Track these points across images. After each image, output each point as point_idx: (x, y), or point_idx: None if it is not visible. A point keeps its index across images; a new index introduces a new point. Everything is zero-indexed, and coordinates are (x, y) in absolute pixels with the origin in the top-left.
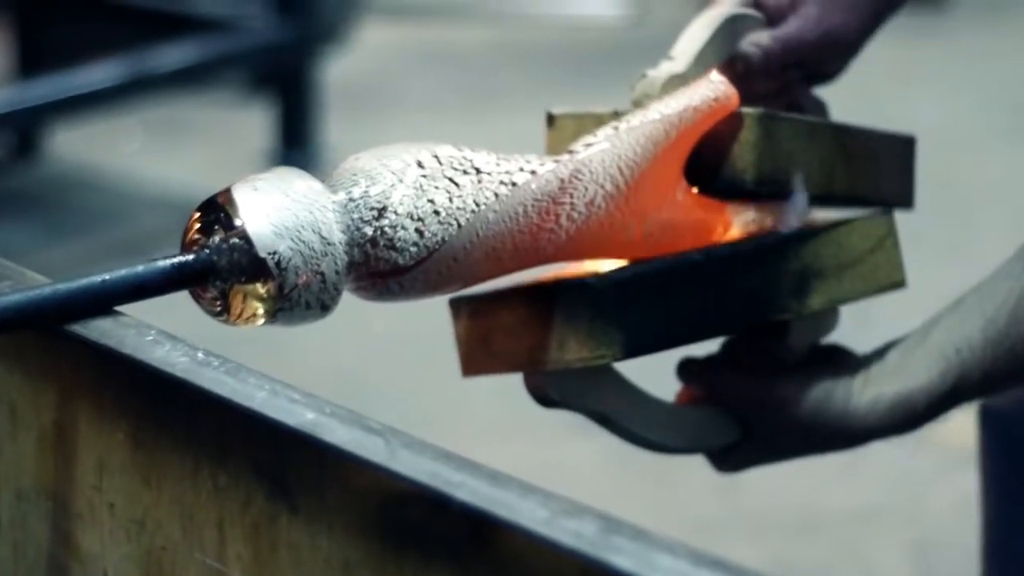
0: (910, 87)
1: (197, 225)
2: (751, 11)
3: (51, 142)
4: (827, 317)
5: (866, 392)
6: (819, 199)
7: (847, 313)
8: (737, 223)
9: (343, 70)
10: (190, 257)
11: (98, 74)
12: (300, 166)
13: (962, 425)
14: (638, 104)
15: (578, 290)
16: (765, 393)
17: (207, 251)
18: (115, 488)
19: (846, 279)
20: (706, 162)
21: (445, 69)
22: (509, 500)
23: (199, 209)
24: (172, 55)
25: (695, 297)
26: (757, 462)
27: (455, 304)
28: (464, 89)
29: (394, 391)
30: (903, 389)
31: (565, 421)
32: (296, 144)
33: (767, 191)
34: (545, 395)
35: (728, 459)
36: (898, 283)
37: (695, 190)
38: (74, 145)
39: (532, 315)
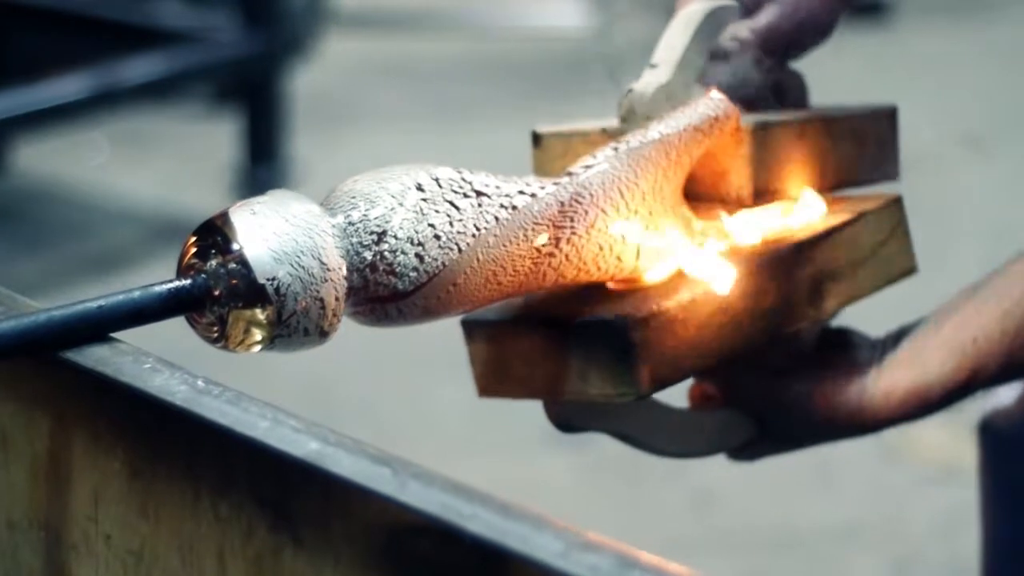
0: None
1: (193, 249)
2: (726, 1)
3: (17, 155)
4: None
5: (880, 383)
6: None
7: None
8: (736, 235)
9: (309, 83)
10: (187, 282)
11: (64, 87)
12: (268, 180)
13: (937, 440)
14: (626, 120)
15: (599, 328)
16: (780, 392)
17: (204, 276)
18: (111, 518)
19: (860, 275)
20: (699, 178)
21: (411, 82)
22: (523, 532)
23: (195, 233)
24: (139, 68)
25: (718, 324)
26: (771, 453)
27: (469, 326)
28: (430, 102)
29: (364, 404)
30: (918, 380)
31: (536, 436)
32: (263, 157)
33: (763, 201)
34: (566, 422)
35: (743, 453)
36: (910, 270)
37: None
38: (40, 158)
39: (551, 345)
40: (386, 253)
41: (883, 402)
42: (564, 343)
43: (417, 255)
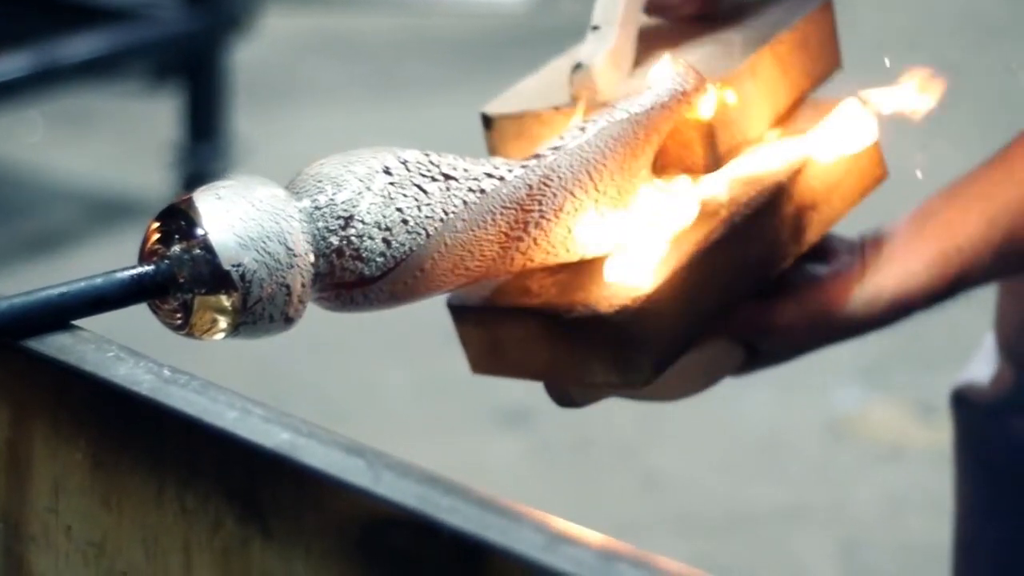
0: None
1: (156, 235)
2: None
3: None
4: None
5: (864, 291)
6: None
7: None
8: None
9: (247, 60)
10: (150, 268)
11: (4, 65)
12: (209, 158)
13: (885, 420)
14: (579, 98)
15: (598, 323)
16: (767, 317)
17: (167, 262)
18: (72, 510)
19: (835, 198)
20: (664, 150)
21: (352, 58)
22: (503, 525)
23: (158, 217)
24: (79, 46)
25: (710, 289)
26: (759, 369)
27: (456, 309)
28: (370, 78)
29: (310, 386)
30: (902, 288)
31: (484, 418)
32: (204, 135)
33: (730, 158)
34: (567, 398)
35: (735, 374)
36: (882, 178)
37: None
38: None
39: (546, 333)
40: (353, 238)
41: (867, 310)
42: (560, 332)
43: (384, 240)
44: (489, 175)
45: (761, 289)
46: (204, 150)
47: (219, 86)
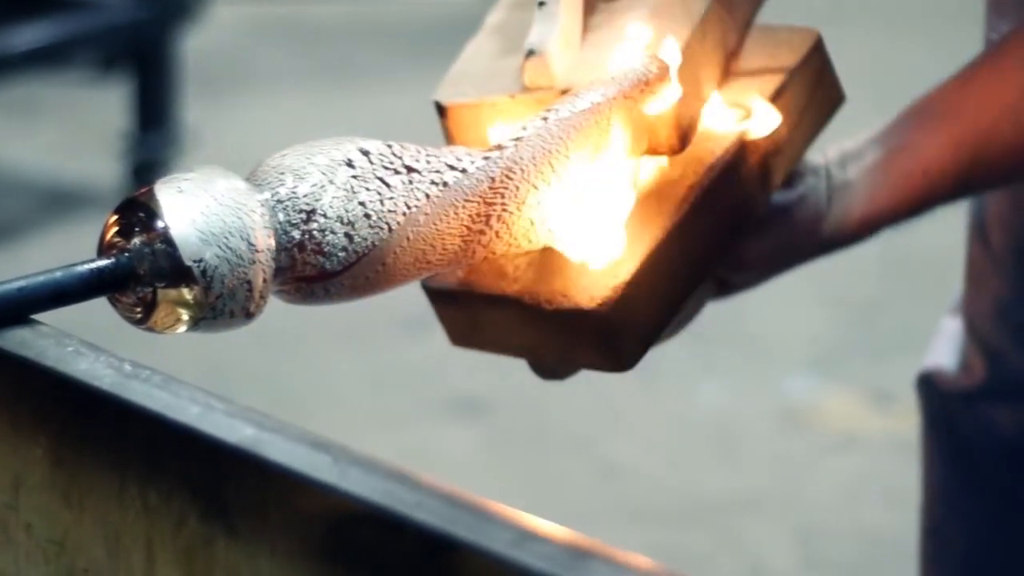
0: None
1: (115, 228)
2: None
3: None
4: None
5: (832, 212)
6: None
7: None
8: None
9: (196, 48)
10: (109, 262)
11: None
12: (158, 146)
13: (838, 409)
14: (534, 85)
15: (580, 317)
16: (737, 254)
17: (128, 255)
18: (32, 507)
19: (797, 135)
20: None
21: (299, 45)
22: (470, 521)
23: (117, 210)
24: (27, 34)
25: (687, 260)
26: (732, 295)
27: (433, 292)
28: (319, 66)
29: (261, 377)
30: (870, 210)
31: (437, 407)
32: (153, 124)
33: (692, 135)
34: (550, 371)
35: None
36: (840, 101)
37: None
38: None
39: (528, 321)
40: (315, 232)
41: (833, 233)
42: (541, 321)
43: (347, 235)
44: (451, 167)
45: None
46: (153, 139)
47: (168, 74)
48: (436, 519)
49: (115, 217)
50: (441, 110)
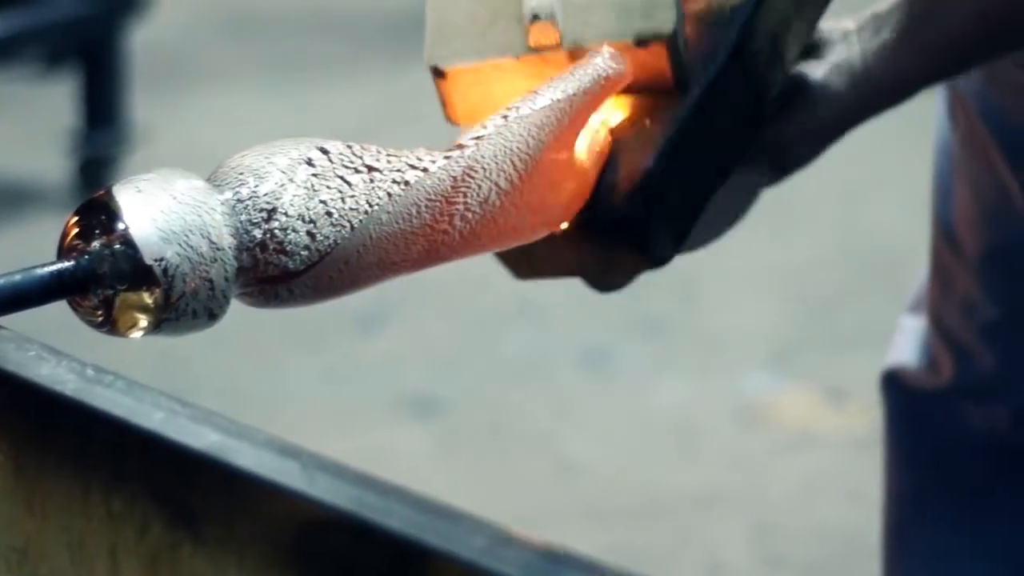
0: None
1: (75, 230)
2: None
3: None
4: None
5: (870, 77)
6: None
7: (673, 291)
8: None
9: (143, 42)
10: (69, 264)
11: None
12: (107, 143)
13: (795, 406)
14: (540, 47)
15: (609, 222)
16: (779, 136)
17: (88, 257)
18: None
19: (808, 7)
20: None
21: (250, 38)
22: (442, 528)
23: (77, 212)
24: None
25: (709, 144)
26: (789, 175)
27: None
28: (270, 60)
29: (214, 376)
30: (900, 80)
31: (396, 407)
32: (102, 121)
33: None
34: (609, 285)
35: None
36: None
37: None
38: None
39: (567, 241)
40: (276, 231)
41: (873, 97)
42: (578, 238)
43: (308, 233)
44: (413, 166)
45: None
46: (102, 135)
47: (115, 70)
48: (407, 526)
49: (74, 219)
50: (439, 73)
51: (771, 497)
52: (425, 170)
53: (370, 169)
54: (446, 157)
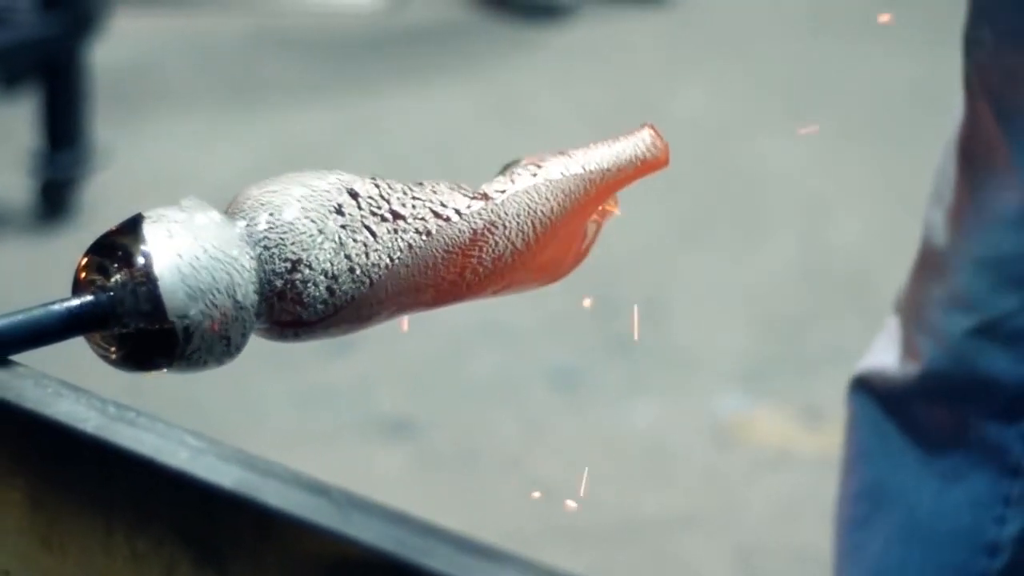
0: (675, 80)
1: (87, 260)
2: None
3: None
4: None
5: None
6: None
7: (642, 311)
8: None
9: (102, 62)
10: (89, 299)
11: None
12: (68, 164)
13: (770, 425)
14: None
15: None
16: None
17: (109, 295)
18: (9, 552)
19: None
20: None
21: (204, 60)
22: (484, 568)
23: (95, 247)
24: None
25: None
26: None
27: None
28: (225, 82)
29: (188, 397)
30: None
31: (369, 428)
32: (63, 142)
33: None
34: None
35: None
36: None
37: None
38: None
39: None
40: (297, 283)
41: None
42: None
43: (328, 288)
44: (436, 215)
45: None
46: (63, 157)
47: (77, 91)
48: (446, 566)
49: (97, 252)
50: None
51: (748, 518)
52: (448, 219)
53: (395, 217)
54: (469, 206)
